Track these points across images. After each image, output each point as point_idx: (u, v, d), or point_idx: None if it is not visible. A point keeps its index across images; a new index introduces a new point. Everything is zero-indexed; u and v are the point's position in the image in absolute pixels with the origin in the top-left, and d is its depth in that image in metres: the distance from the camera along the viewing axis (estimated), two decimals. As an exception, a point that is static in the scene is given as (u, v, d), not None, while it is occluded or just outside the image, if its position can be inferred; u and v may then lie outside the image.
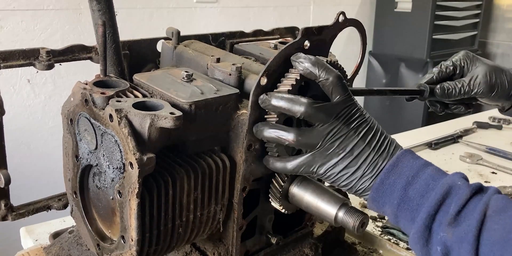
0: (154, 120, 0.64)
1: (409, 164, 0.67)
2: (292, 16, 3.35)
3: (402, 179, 0.66)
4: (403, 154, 0.68)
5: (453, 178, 0.64)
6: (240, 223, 0.80)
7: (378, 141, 0.69)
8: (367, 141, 0.69)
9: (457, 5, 3.69)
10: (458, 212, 0.61)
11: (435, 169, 0.67)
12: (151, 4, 2.60)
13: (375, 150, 0.69)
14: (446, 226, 0.61)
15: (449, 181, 0.64)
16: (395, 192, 0.66)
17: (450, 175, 0.66)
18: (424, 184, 0.65)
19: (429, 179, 0.65)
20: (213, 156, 0.75)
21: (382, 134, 0.70)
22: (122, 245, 0.70)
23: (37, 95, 2.30)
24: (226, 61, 0.83)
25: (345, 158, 0.68)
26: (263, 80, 0.71)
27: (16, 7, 2.16)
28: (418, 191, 0.65)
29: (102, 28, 0.75)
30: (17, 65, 0.83)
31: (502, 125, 2.18)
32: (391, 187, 0.66)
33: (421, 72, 3.61)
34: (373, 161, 0.68)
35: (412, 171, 0.66)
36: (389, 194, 0.66)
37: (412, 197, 0.65)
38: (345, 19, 0.78)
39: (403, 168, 0.67)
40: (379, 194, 0.67)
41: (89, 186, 0.77)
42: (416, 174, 0.66)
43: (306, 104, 0.68)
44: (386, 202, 0.67)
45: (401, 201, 0.65)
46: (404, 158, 0.68)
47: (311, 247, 0.95)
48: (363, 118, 0.70)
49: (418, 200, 0.64)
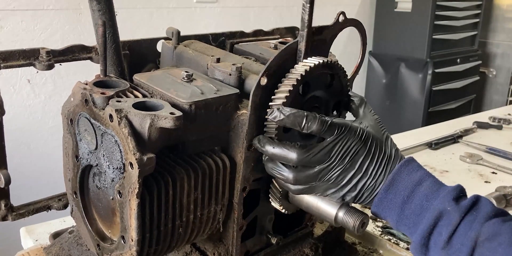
0: (154, 120, 0.64)
1: (404, 183, 0.70)
2: (292, 16, 3.35)
3: (398, 199, 0.69)
4: (398, 171, 0.70)
5: (444, 203, 0.66)
6: (240, 223, 0.80)
7: (376, 165, 0.71)
8: (363, 170, 0.71)
9: (457, 5, 3.69)
10: (450, 237, 0.64)
11: (429, 186, 0.69)
12: (151, 4, 2.60)
13: (372, 175, 0.71)
14: (440, 250, 0.65)
15: (439, 206, 0.66)
16: (393, 210, 0.70)
17: (441, 197, 0.67)
18: (418, 204, 0.68)
19: (423, 200, 0.68)
20: (213, 156, 0.75)
21: (380, 154, 0.72)
22: (122, 245, 0.70)
23: (37, 95, 2.30)
24: (226, 61, 0.83)
25: (343, 187, 0.72)
26: (263, 80, 0.71)
27: (16, 7, 2.15)
28: (413, 211, 0.68)
29: (102, 28, 0.75)
30: (17, 65, 0.82)
31: (502, 125, 2.18)
32: (389, 206, 0.70)
33: (421, 72, 3.62)
34: (370, 185, 0.71)
35: (406, 190, 0.69)
36: (388, 211, 0.71)
37: (408, 216, 0.69)
38: (345, 19, 0.78)
39: (399, 187, 0.70)
40: (378, 210, 0.72)
41: (89, 186, 0.77)
42: (411, 194, 0.69)
43: (297, 154, 0.69)
44: (387, 217, 0.72)
45: (399, 218, 0.70)
46: (400, 176, 0.70)
47: (311, 247, 0.95)
48: (359, 146, 0.71)
49: (414, 219, 0.68)
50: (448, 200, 0.66)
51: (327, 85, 0.78)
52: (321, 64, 0.73)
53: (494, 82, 4.29)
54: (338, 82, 0.79)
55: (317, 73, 0.74)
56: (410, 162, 0.72)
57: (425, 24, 3.52)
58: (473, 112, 3.74)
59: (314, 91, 0.75)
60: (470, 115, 2.50)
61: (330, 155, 0.70)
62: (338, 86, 0.79)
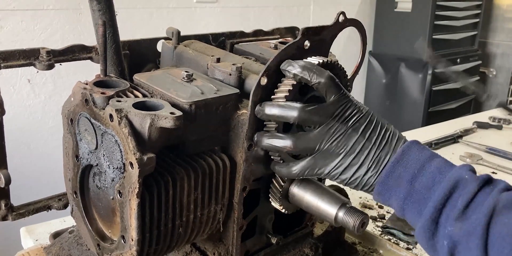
0: (154, 120, 0.64)
1: (415, 157, 0.66)
2: (292, 16, 3.35)
3: (408, 173, 0.65)
4: (408, 147, 0.67)
5: (460, 171, 0.63)
6: (240, 223, 0.80)
7: (379, 135, 0.68)
8: (367, 136, 0.68)
9: (457, 5, 3.69)
10: (466, 206, 0.60)
11: (441, 161, 0.66)
12: (151, 4, 2.60)
13: (377, 144, 0.68)
14: (453, 221, 0.60)
15: (455, 174, 0.63)
16: (401, 186, 0.65)
17: (457, 168, 0.64)
18: (430, 177, 0.64)
19: (436, 172, 0.64)
20: (213, 156, 0.75)
21: (383, 127, 0.69)
22: (122, 245, 0.70)
23: (37, 95, 2.30)
24: (226, 61, 0.83)
25: (346, 157, 0.68)
26: (263, 80, 0.71)
27: (16, 7, 2.15)
28: (425, 184, 0.64)
29: (102, 28, 0.75)
30: (17, 65, 0.82)
31: (502, 125, 2.18)
32: (397, 181, 0.65)
33: (421, 72, 3.62)
34: (375, 156, 0.67)
35: (418, 163, 0.65)
36: (395, 188, 0.66)
37: (418, 190, 0.64)
38: (345, 19, 0.78)
39: (409, 161, 0.65)
40: (385, 187, 0.66)
41: (89, 186, 0.77)
42: (422, 167, 0.65)
43: (298, 109, 0.68)
44: (392, 195, 0.66)
45: (408, 194, 0.65)
46: (410, 150, 0.66)
47: (311, 247, 0.95)
48: (361, 114, 0.69)
49: (424, 194, 0.63)
50: (466, 170, 0.64)
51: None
52: (321, 64, 0.73)
53: (494, 82, 4.29)
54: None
55: None
56: (418, 142, 0.69)
57: (425, 24, 3.52)
58: (473, 112, 3.74)
59: (314, 91, 0.75)
60: (470, 115, 2.50)
61: (332, 115, 0.68)
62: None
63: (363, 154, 0.68)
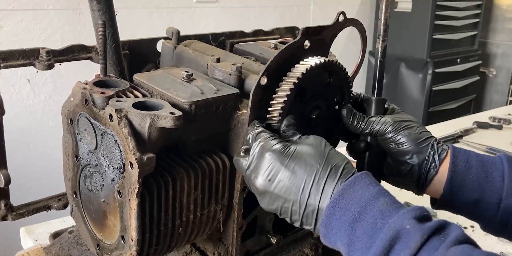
0: (154, 120, 0.64)
1: (357, 196, 0.58)
2: (292, 16, 3.34)
3: (348, 216, 0.58)
4: (350, 184, 0.60)
5: (402, 219, 0.54)
6: (240, 223, 0.80)
7: (314, 181, 0.61)
8: (301, 186, 0.62)
9: (457, 5, 3.69)
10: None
11: (387, 202, 0.57)
12: (151, 4, 2.60)
13: (312, 190, 0.61)
14: None
15: (396, 223, 0.54)
16: (342, 230, 0.58)
17: (400, 214, 0.55)
18: (371, 223, 0.56)
19: (378, 217, 0.56)
20: (213, 156, 0.75)
21: (318, 171, 0.62)
22: (122, 245, 0.70)
23: (37, 95, 2.29)
24: (226, 61, 0.83)
25: (288, 201, 0.63)
26: (263, 80, 0.71)
27: (16, 7, 2.15)
28: (366, 230, 0.56)
29: (102, 28, 0.75)
30: (17, 65, 0.82)
31: (502, 125, 2.18)
32: (339, 224, 0.58)
33: (421, 72, 3.61)
34: (312, 202, 0.61)
35: (359, 205, 0.57)
36: (337, 231, 0.59)
37: (360, 237, 0.56)
38: (345, 19, 0.78)
39: (350, 201, 0.58)
40: (328, 231, 0.60)
41: (80, 189, 0.77)
42: (364, 210, 0.57)
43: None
44: (337, 240, 0.59)
45: (350, 241, 0.57)
46: (352, 188, 0.59)
47: (311, 247, 0.95)
48: (278, 167, 0.64)
49: (366, 242, 0.55)
50: (408, 217, 0.54)
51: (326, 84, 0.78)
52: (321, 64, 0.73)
53: (494, 82, 4.29)
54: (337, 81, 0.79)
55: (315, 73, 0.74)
56: (366, 175, 0.61)
57: (425, 24, 3.52)
58: (473, 112, 3.74)
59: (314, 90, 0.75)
60: (470, 115, 2.50)
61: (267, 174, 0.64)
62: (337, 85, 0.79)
63: (301, 200, 0.62)
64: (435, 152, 0.75)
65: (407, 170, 0.76)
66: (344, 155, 0.66)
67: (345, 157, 0.65)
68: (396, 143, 0.76)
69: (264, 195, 0.66)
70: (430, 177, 0.75)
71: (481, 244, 0.54)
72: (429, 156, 0.75)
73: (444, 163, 0.74)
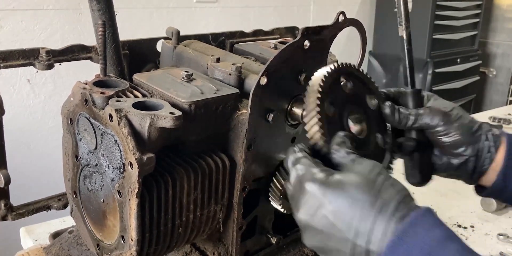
0: (154, 120, 0.64)
1: (419, 241, 0.50)
2: (292, 16, 3.34)
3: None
4: (411, 224, 0.51)
5: None
6: (240, 223, 0.80)
7: (362, 219, 0.53)
8: (344, 225, 0.54)
9: (457, 5, 3.69)
10: None
11: (456, 250, 0.50)
12: (151, 4, 2.60)
13: (360, 230, 0.53)
14: None
15: None
16: None
17: None
18: None
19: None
20: (213, 156, 0.75)
21: (364, 206, 0.53)
22: (122, 245, 0.70)
23: (37, 95, 2.29)
24: (226, 61, 0.83)
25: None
26: (263, 80, 0.71)
27: (16, 7, 2.15)
28: None
29: (102, 28, 0.75)
30: (17, 65, 0.82)
31: (502, 125, 2.18)
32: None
33: (421, 72, 3.61)
34: (361, 243, 0.53)
35: (422, 252, 0.50)
36: None
37: None
38: (345, 19, 0.78)
39: (411, 246, 0.50)
40: None
41: (80, 189, 0.77)
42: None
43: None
44: None
45: None
46: (413, 229, 0.51)
47: (311, 247, 0.95)
48: (320, 204, 0.56)
49: None
50: None
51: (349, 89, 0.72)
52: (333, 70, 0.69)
53: (494, 82, 4.29)
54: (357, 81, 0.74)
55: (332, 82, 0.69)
56: (428, 213, 0.53)
57: (425, 24, 3.52)
58: (473, 112, 3.74)
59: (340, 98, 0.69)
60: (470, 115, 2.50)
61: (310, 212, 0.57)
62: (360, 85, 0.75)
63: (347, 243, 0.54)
64: (490, 141, 0.71)
65: (460, 162, 0.72)
66: (402, 185, 0.57)
67: (402, 187, 0.56)
68: (449, 136, 0.71)
69: (306, 229, 0.59)
70: (486, 167, 0.71)
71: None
72: (484, 146, 0.71)
73: (499, 151, 0.71)
